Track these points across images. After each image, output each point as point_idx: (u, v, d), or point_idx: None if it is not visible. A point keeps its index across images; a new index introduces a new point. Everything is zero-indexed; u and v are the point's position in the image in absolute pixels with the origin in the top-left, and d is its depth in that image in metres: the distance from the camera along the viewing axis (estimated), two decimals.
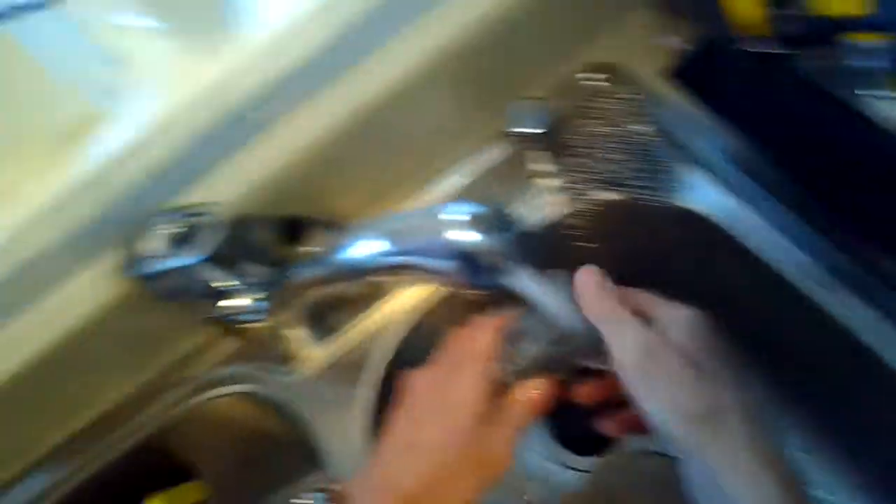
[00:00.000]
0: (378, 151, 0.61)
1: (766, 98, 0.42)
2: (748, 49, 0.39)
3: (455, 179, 0.65)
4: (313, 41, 0.48)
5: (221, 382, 0.62)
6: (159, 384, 0.63)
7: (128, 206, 0.50)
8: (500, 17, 0.58)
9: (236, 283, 0.52)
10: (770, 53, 0.37)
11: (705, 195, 0.56)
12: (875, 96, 0.33)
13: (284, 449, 0.66)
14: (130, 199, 0.50)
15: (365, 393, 0.58)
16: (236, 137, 0.54)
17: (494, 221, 0.37)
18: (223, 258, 0.51)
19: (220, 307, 0.53)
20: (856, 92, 0.32)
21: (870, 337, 0.47)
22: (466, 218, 0.37)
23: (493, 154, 0.65)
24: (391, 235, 0.39)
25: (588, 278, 0.39)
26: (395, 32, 0.55)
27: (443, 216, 0.37)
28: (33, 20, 0.39)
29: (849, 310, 0.48)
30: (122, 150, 0.46)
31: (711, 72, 0.52)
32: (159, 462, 0.65)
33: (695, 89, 0.59)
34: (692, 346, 0.34)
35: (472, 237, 0.36)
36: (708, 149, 0.57)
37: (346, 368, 0.60)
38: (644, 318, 0.37)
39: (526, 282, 0.40)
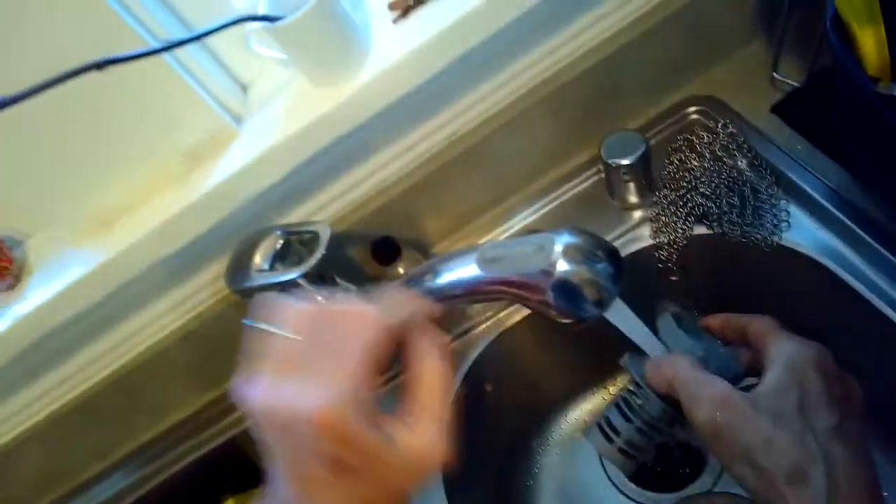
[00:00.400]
0: (472, 177, 0.62)
1: (885, 139, 0.40)
2: (870, 90, 0.38)
3: (546, 207, 0.65)
4: (418, 77, 0.50)
5: None
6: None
7: (240, 220, 0.53)
8: (609, 50, 0.58)
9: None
10: (890, 96, 0.36)
11: (806, 233, 0.54)
12: None
13: None
14: (245, 215, 0.53)
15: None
16: (344, 161, 0.56)
17: (594, 252, 0.37)
18: (319, 275, 0.53)
19: None
20: None
21: None
22: (567, 247, 0.37)
23: (587, 184, 0.64)
24: (489, 261, 0.40)
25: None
26: (499, 68, 0.57)
27: (542, 245, 0.37)
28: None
29: None
30: (244, 168, 0.49)
31: (818, 109, 0.50)
32: (237, 465, 0.68)
33: (799, 126, 0.57)
34: (810, 381, 0.33)
35: (571, 268, 0.36)
36: (810, 186, 0.54)
37: None
38: (758, 349, 0.36)
39: (624, 318, 0.39)
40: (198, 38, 0.42)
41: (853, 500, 0.30)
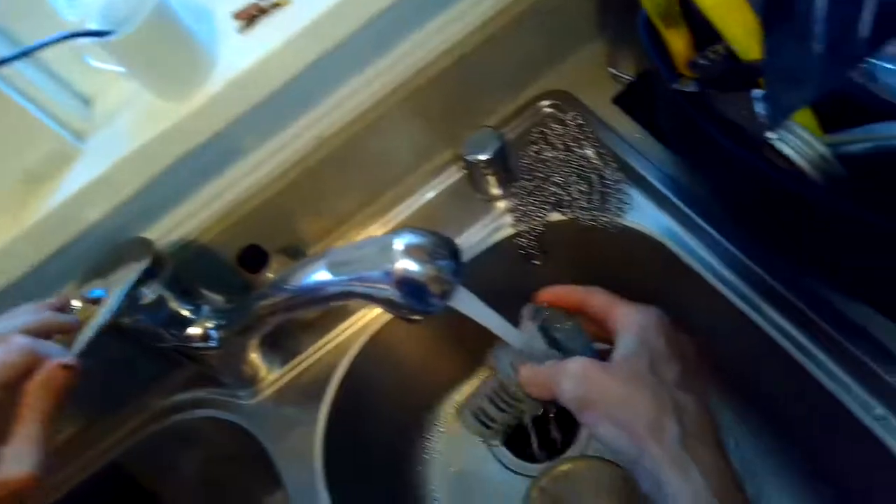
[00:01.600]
0: (342, 178, 0.63)
1: (691, 130, 0.44)
2: (677, 87, 0.42)
3: (415, 203, 0.67)
4: (270, 85, 0.50)
5: (182, 408, 0.63)
6: (122, 412, 0.64)
7: (93, 240, 0.51)
8: (462, 52, 0.61)
9: (197, 310, 0.53)
10: (693, 92, 0.40)
11: (646, 215, 0.59)
12: (779, 137, 0.36)
13: (246, 471, 0.67)
14: (100, 232, 0.51)
15: (321, 414, 0.59)
16: (206, 171, 0.55)
17: (433, 249, 0.39)
18: (184, 289, 0.52)
19: (180, 335, 0.54)
20: (767, 133, 0.35)
21: (789, 345, 0.50)
22: (409, 246, 0.39)
23: (452, 179, 0.67)
24: (337, 265, 0.41)
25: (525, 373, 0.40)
26: (359, 70, 0.57)
27: (385, 245, 0.39)
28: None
29: (769, 321, 0.51)
30: (86, 187, 0.47)
31: (648, 102, 0.55)
32: (122, 487, 0.66)
33: (636, 116, 0.62)
34: (655, 343, 0.37)
35: (410, 265, 0.38)
36: (648, 171, 0.59)
37: (305, 391, 0.61)
38: (600, 318, 0.40)
39: (469, 305, 0.42)
40: (20, 55, 0.40)
41: (700, 438, 0.34)
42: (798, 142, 0.37)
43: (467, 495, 0.69)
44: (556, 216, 0.62)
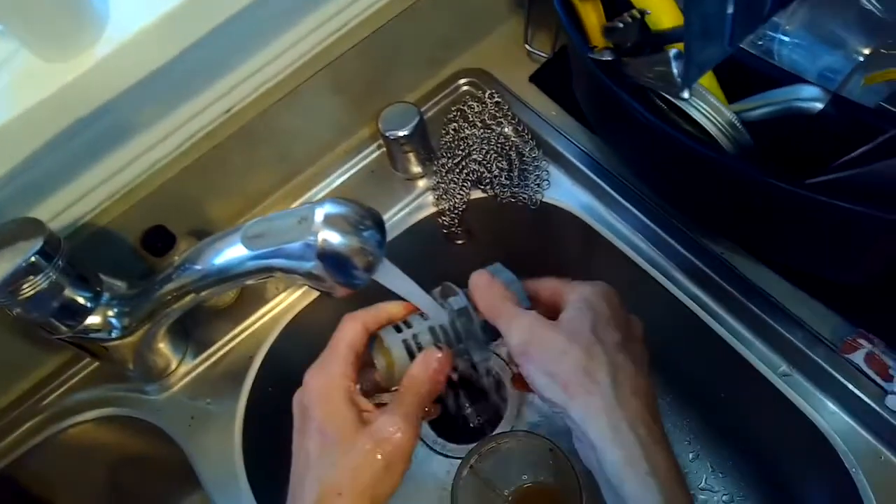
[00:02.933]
0: (254, 156, 0.60)
1: (606, 101, 0.45)
2: (592, 56, 0.43)
3: (333, 182, 0.65)
4: (170, 50, 0.46)
5: (80, 408, 0.57)
6: (12, 414, 0.58)
7: None
8: (378, 25, 0.59)
9: (96, 298, 0.49)
10: (607, 61, 0.41)
11: (564, 191, 0.60)
12: (690, 103, 0.38)
13: (159, 473, 0.62)
14: None
15: (238, 407, 0.56)
16: (101, 144, 0.50)
17: (357, 219, 0.37)
18: (80, 275, 0.47)
19: (77, 325, 0.49)
20: (682, 96, 0.36)
21: (698, 308, 0.53)
22: (331, 216, 0.37)
23: (371, 157, 0.65)
24: (253, 238, 0.39)
25: (479, 280, 0.41)
26: (272, 39, 0.54)
27: (306, 216, 0.37)
28: None
29: (681, 286, 0.54)
30: None
31: (565, 77, 0.55)
32: (13, 499, 0.59)
33: (552, 93, 0.63)
34: (580, 318, 0.37)
35: (333, 237, 0.36)
36: (565, 148, 0.60)
37: (221, 382, 0.58)
38: (553, 301, 0.40)
39: (393, 278, 0.40)
40: None
41: (633, 398, 0.34)
42: (708, 108, 0.38)
43: None
44: (477, 194, 0.62)
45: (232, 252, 0.40)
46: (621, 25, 0.37)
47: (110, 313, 0.49)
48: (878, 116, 0.36)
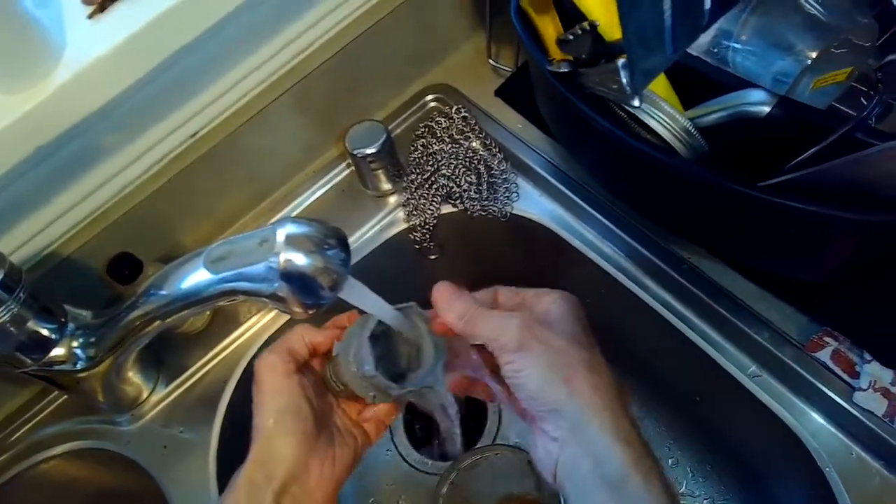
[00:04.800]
0: (224, 178, 0.60)
1: (566, 111, 0.46)
2: (550, 68, 0.43)
3: (304, 203, 0.65)
4: (129, 76, 0.46)
5: (50, 443, 0.56)
6: None
7: None
8: (342, 45, 0.59)
9: (60, 329, 0.48)
10: (564, 73, 0.41)
11: (533, 202, 0.61)
12: (646, 111, 0.38)
13: None
14: None
15: (212, 434, 0.55)
16: (66, 171, 0.50)
17: (320, 238, 0.37)
18: (45, 307, 0.47)
19: (42, 358, 0.48)
20: (632, 102, 0.37)
21: (667, 313, 0.53)
22: (293, 237, 0.37)
23: (341, 176, 0.65)
24: (215, 262, 0.38)
25: (442, 290, 0.39)
26: (236, 62, 0.54)
27: (267, 237, 0.37)
28: None
29: (650, 292, 0.55)
30: None
31: (528, 92, 0.56)
32: None
33: (517, 106, 0.64)
34: (566, 320, 0.36)
35: (296, 257, 0.36)
36: (532, 160, 0.61)
37: (194, 410, 0.57)
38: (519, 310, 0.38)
39: (359, 296, 0.40)
40: None
41: (622, 398, 0.34)
42: (663, 115, 0.39)
43: (375, 497, 0.67)
44: (447, 208, 0.62)
45: (195, 276, 0.39)
46: (572, 37, 0.38)
47: (75, 344, 0.48)
48: (826, 116, 0.37)
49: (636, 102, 0.35)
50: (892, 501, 0.44)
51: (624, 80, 0.34)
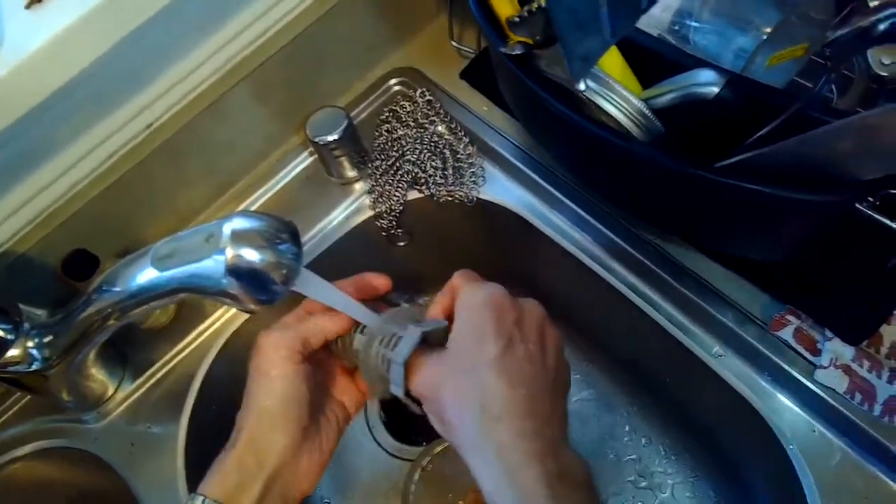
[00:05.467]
0: (183, 170, 0.59)
1: (525, 95, 0.45)
2: (504, 50, 0.42)
3: (267, 193, 0.63)
4: (73, 66, 0.44)
5: (14, 444, 0.55)
6: None
7: None
8: (299, 30, 0.58)
9: (15, 329, 0.47)
10: (518, 55, 0.40)
11: (500, 186, 0.60)
12: (600, 94, 0.37)
13: None
14: None
15: (180, 429, 0.54)
16: (11, 169, 0.48)
17: (268, 232, 0.36)
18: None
19: None
20: (577, 88, 0.36)
21: (643, 303, 0.53)
22: (240, 232, 0.36)
23: (304, 164, 0.64)
24: (162, 259, 0.37)
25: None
26: (188, 50, 0.53)
27: (213, 233, 0.36)
28: None
29: (615, 274, 0.54)
30: None
31: (491, 75, 0.55)
32: None
33: (482, 89, 0.63)
34: (479, 321, 0.35)
35: (244, 252, 0.35)
36: (498, 143, 0.60)
37: (161, 405, 0.56)
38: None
39: (314, 288, 0.40)
40: None
41: (504, 419, 0.32)
42: (617, 98, 0.38)
43: (348, 480, 0.67)
44: (413, 194, 0.61)
45: (144, 275, 0.39)
46: (520, 19, 0.37)
47: (30, 344, 0.47)
48: (778, 94, 0.37)
49: (581, 86, 0.34)
50: (853, 477, 0.44)
51: (566, 65, 0.33)
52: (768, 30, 0.42)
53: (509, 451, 0.31)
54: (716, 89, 0.37)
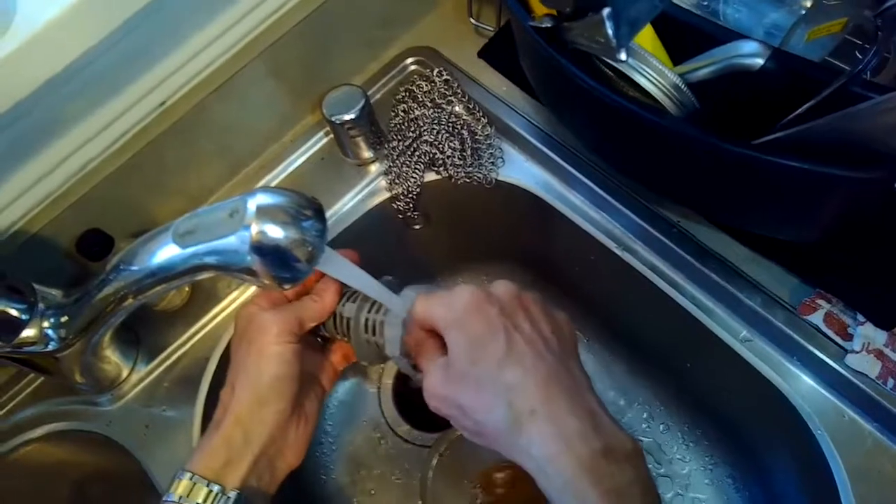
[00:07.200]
0: (195, 150, 0.57)
1: (551, 70, 0.44)
2: (533, 24, 0.41)
3: (282, 173, 0.62)
4: (88, 39, 0.43)
5: (29, 426, 0.55)
6: None
7: None
8: (314, 6, 0.56)
9: (30, 309, 0.46)
10: (547, 28, 0.39)
11: (518, 167, 0.59)
12: (634, 67, 0.36)
13: (114, 487, 0.60)
14: None
15: (195, 412, 0.54)
16: (23, 147, 0.47)
17: (293, 209, 0.35)
18: (11, 286, 0.45)
19: (12, 339, 0.46)
20: (620, 58, 0.35)
21: (665, 285, 0.52)
22: (265, 208, 0.35)
23: (320, 144, 0.63)
24: (184, 236, 0.36)
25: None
26: (201, 26, 0.51)
27: (237, 208, 0.35)
28: None
29: (644, 261, 0.53)
30: None
31: (511, 53, 0.54)
32: None
33: (501, 68, 0.62)
34: (470, 330, 0.35)
35: (269, 229, 0.34)
36: (517, 124, 0.59)
37: (176, 388, 0.55)
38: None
39: (337, 267, 0.39)
40: None
41: (539, 410, 0.32)
42: (651, 72, 0.37)
43: (365, 469, 0.67)
44: (431, 176, 0.60)
45: (165, 252, 0.38)
46: None
47: (46, 324, 0.46)
48: (820, 69, 0.36)
49: (623, 56, 0.33)
50: (884, 464, 0.43)
51: (609, 32, 0.32)
52: (807, 4, 0.41)
53: (549, 440, 0.31)
54: (760, 61, 0.36)
